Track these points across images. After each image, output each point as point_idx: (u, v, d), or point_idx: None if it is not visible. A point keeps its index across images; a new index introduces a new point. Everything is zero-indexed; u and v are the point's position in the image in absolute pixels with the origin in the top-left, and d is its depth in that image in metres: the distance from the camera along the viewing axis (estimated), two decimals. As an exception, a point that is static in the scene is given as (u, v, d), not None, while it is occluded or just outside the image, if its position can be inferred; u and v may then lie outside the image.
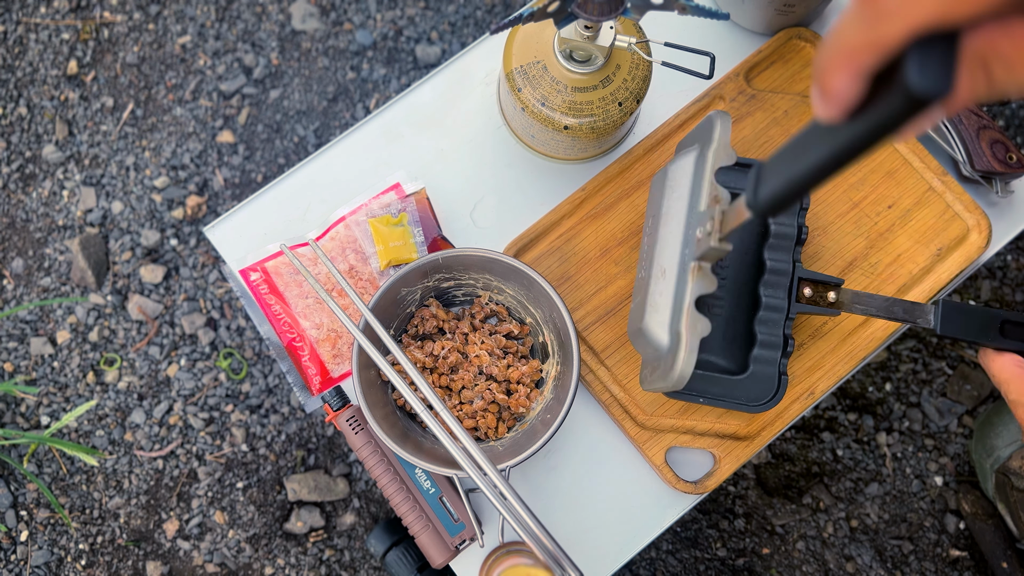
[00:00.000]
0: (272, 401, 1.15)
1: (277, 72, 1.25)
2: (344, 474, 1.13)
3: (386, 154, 0.76)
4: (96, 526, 1.11)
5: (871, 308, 0.63)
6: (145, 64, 1.25)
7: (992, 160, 0.71)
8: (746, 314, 0.66)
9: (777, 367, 0.65)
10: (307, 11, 1.27)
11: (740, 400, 0.65)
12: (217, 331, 1.17)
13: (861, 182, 0.73)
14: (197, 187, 1.21)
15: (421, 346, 0.69)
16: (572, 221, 0.72)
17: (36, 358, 1.16)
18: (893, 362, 1.16)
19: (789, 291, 0.65)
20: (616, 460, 0.71)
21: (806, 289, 0.65)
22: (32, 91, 1.24)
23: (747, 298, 0.66)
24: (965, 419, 1.14)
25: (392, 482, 0.66)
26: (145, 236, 1.19)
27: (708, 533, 1.12)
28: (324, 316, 0.71)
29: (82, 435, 1.14)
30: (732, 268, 0.67)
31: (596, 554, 0.69)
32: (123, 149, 1.22)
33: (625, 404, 0.69)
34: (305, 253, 0.71)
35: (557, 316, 0.64)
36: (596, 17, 0.54)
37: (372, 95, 1.25)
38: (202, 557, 1.11)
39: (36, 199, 1.21)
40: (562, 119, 0.66)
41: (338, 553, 1.11)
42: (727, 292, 0.67)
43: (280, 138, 1.23)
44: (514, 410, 0.68)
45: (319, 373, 0.71)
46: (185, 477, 1.13)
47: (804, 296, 0.65)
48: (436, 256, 0.64)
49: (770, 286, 0.65)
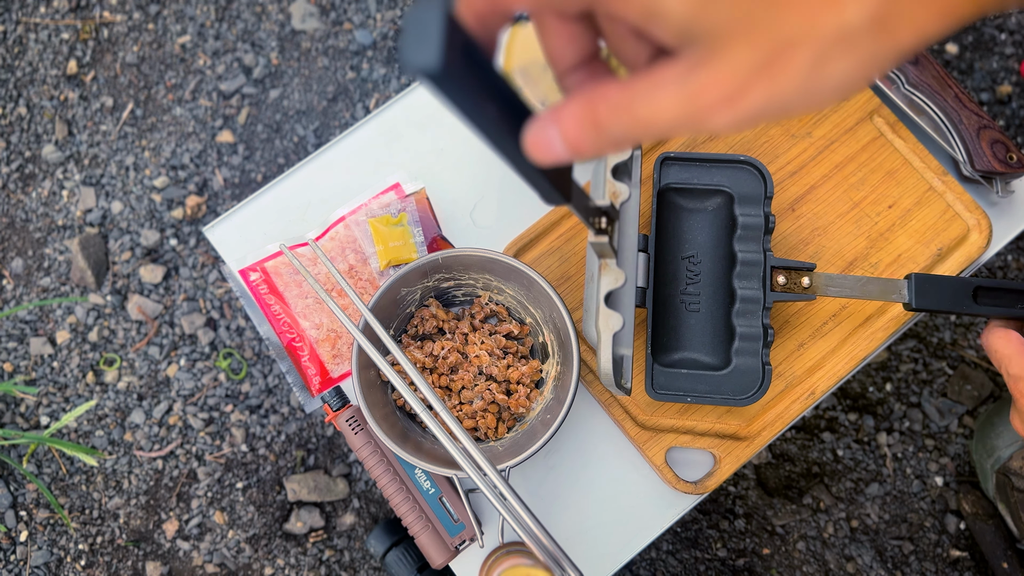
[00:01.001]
0: (272, 401, 1.15)
1: (277, 72, 1.25)
2: (344, 474, 1.13)
3: (386, 154, 0.76)
4: (96, 526, 1.11)
5: (845, 289, 0.64)
6: (145, 64, 1.25)
7: (992, 160, 0.71)
8: (724, 308, 0.66)
9: (760, 358, 0.65)
10: (307, 11, 1.27)
11: (727, 395, 0.65)
12: (217, 331, 1.17)
13: (861, 182, 0.72)
14: (197, 187, 1.21)
15: (421, 346, 0.69)
16: (572, 221, 0.72)
17: (36, 358, 1.16)
18: (894, 362, 1.16)
19: (763, 281, 0.65)
20: (616, 460, 0.70)
21: (779, 277, 0.65)
22: (32, 91, 1.24)
23: (723, 292, 0.67)
24: (965, 419, 1.14)
25: (392, 482, 0.66)
26: (145, 236, 1.19)
27: (708, 533, 1.12)
28: (324, 316, 0.71)
29: (82, 435, 1.13)
30: (705, 263, 0.67)
31: (596, 554, 0.69)
32: (123, 149, 1.22)
33: (625, 404, 0.69)
34: (305, 253, 0.71)
35: (557, 316, 0.64)
36: (596, 16, 0.54)
37: (372, 95, 1.25)
38: (202, 557, 1.11)
39: (36, 199, 1.20)
40: (562, 119, 0.65)
41: (338, 553, 1.11)
42: (703, 288, 0.67)
43: (280, 138, 1.23)
44: (514, 410, 0.67)
45: (319, 373, 0.70)
46: (185, 477, 1.13)
47: (778, 284, 0.65)
48: (436, 256, 0.64)
49: (744, 278, 0.66)
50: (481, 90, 0.29)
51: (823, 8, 0.24)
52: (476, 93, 0.28)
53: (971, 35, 1.27)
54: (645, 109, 0.27)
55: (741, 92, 0.25)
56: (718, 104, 0.26)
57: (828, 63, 0.25)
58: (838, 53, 0.24)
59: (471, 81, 0.28)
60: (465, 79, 0.28)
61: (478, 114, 0.29)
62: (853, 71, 0.25)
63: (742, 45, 0.25)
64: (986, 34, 1.27)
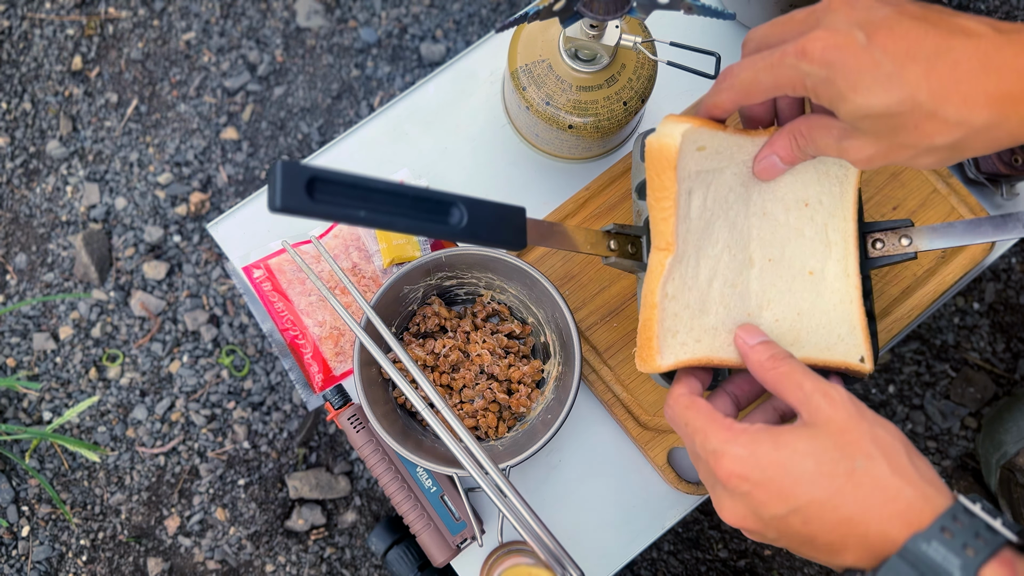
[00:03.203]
0: (274, 398, 1.15)
1: (281, 69, 1.25)
2: (345, 472, 1.13)
3: (390, 152, 0.76)
4: (97, 522, 1.12)
5: (953, 238, 0.58)
6: (149, 60, 1.25)
7: (997, 162, 0.71)
8: None
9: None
10: (312, 8, 1.27)
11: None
12: (220, 328, 1.17)
13: (866, 183, 0.72)
14: (201, 184, 1.21)
15: (423, 344, 0.69)
16: (576, 220, 0.72)
17: (38, 354, 1.16)
18: (896, 364, 1.16)
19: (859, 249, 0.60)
20: (618, 460, 0.70)
21: (875, 243, 0.60)
22: (36, 86, 1.24)
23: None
24: (968, 421, 1.14)
25: (393, 480, 0.66)
26: (148, 232, 1.19)
27: (710, 534, 1.12)
28: (327, 314, 0.71)
29: (84, 431, 1.14)
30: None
31: (597, 554, 0.69)
32: (127, 145, 1.23)
33: (628, 404, 0.69)
34: (308, 251, 0.71)
35: (559, 316, 0.64)
36: (602, 16, 0.54)
37: (376, 93, 1.25)
38: (203, 554, 1.11)
39: (40, 194, 1.21)
40: (567, 118, 0.65)
41: (339, 551, 1.11)
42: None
43: (284, 135, 1.23)
44: (515, 410, 0.67)
45: (321, 371, 0.71)
46: (187, 474, 1.13)
47: (875, 250, 0.60)
48: (439, 254, 0.64)
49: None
50: (347, 201, 0.43)
51: (927, 135, 0.42)
52: (342, 205, 0.43)
53: (977, 37, 1.27)
54: (822, 142, 0.48)
55: (870, 160, 0.46)
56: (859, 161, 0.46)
57: (920, 159, 0.44)
58: (927, 156, 0.44)
59: (330, 199, 0.43)
60: (324, 201, 0.42)
61: (352, 217, 0.43)
62: (934, 164, 0.45)
63: (882, 139, 0.44)
64: (992, 36, 1.26)
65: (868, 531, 0.40)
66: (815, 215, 0.58)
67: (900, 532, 0.39)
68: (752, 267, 0.57)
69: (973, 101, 0.39)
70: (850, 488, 0.41)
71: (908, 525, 0.39)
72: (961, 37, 0.40)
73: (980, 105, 0.39)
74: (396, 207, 0.45)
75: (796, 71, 0.43)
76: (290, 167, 0.41)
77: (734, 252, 0.57)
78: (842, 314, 0.57)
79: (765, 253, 0.57)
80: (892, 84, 0.40)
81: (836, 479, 0.41)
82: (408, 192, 0.45)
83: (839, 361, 0.57)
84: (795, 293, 0.57)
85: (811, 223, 0.58)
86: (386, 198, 0.45)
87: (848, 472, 0.41)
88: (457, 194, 0.47)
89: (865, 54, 0.41)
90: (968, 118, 0.40)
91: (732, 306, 0.56)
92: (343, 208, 0.43)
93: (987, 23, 0.40)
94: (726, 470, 0.44)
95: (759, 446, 0.43)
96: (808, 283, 0.58)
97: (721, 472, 0.44)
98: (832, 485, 0.41)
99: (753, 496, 0.43)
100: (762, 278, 0.57)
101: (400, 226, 0.45)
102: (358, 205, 0.44)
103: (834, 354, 0.57)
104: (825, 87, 0.43)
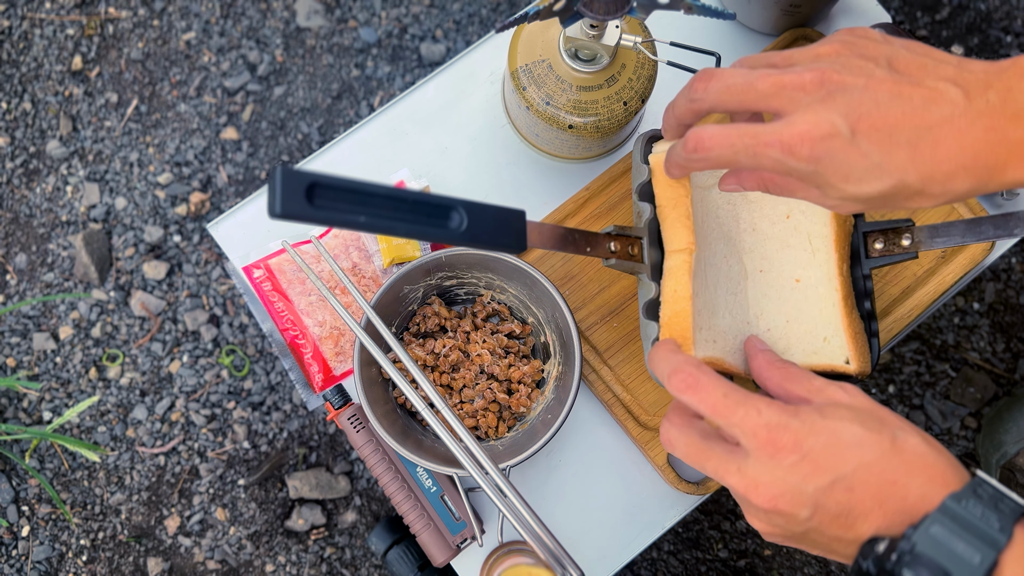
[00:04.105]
0: (274, 398, 1.15)
1: (281, 69, 1.25)
2: (345, 472, 1.13)
3: (390, 152, 0.76)
4: (97, 522, 1.12)
5: (954, 237, 0.57)
6: (149, 60, 1.25)
7: (998, 162, 0.71)
8: None
9: (867, 330, 0.62)
10: (312, 8, 1.27)
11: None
12: (220, 328, 1.17)
13: (866, 183, 0.72)
14: (201, 184, 1.21)
15: (423, 344, 0.69)
16: (576, 220, 0.72)
17: (38, 353, 1.16)
18: (896, 364, 1.16)
19: (859, 248, 0.60)
20: (618, 460, 0.70)
21: (876, 243, 0.60)
22: (37, 86, 1.24)
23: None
24: (968, 421, 1.14)
25: (393, 480, 0.66)
26: (148, 232, 1.19)
27: (710, 534, 1.12)
28: (327, 314, 0.71)
29: (84, 431, 1.14)
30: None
31: (597, 554, 0.69)
32: (127, 145, 1.23)
33: (628, 404, 0.69)
34: (308, 251, 0.71)
35: (559, 316, 0.64)
36: (602, 16, 0.54)
37: (376, 93, 1.25)
38: (203, 554, 1.11)
39: (40, 194, 1.21)
40: (567, 118, 0.65)
41: (339, 551, 1.11)
42: None
43: (284, 135, 1.23)
44: (515, 410, 0.67)
45: (321, 371, 0.71)
46: (187, 474, 1.13)
47: (876, 250, 0.60)
48: (439, 254, 0.64)
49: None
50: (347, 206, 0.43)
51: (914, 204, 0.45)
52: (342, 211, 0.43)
53: (977, 37, 1.27)
54: (800, 195, 0.48)
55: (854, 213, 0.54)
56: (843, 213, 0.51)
57: (909, 201, 0.45)
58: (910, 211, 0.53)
59: (330, 204, 0.42)
60: (324, 207, 0.42)
61: (352, 223, 0.43)
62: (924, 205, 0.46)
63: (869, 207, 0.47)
64: (992, 36, 1.26)
65: (909, 493, 0.42)
66: (798, 225, 0.60)
67: (939, 492, 0.42)
68: (747, 278, 0.60)
69: (955, 176, 0.42)
70: (894, 452, 0.43)
71: (946, 486, 0.42)
72: (936, 110, 0.42)
73: (961, 179, 0.43)
74: (396, 212, 0.45)
75: (781, 164, 0.44)
76: (289, 173, 0.41)
77: (731, 263, 0.60)
78: (826, 318, 0.59)
79: (756, 265, 0.60)
80: (882, 173, 0.43)
81: (882, 443, 0.43)
82: (408, 197, 0.45)
83: (826, 364, 0.58)
84: (784, 302, 0.60)
85: (795, 233, 0.60)
86: (386, 203, 0.45)
87: (891, 438, 0.43)
88: (457, 198, 0.47)
89: (852, 147, 0.42)
90: (952, 189, 0.43)
91: (735, 313, 0.59)
92: (343, 213, 0.43)
93: (959, 86, 0.42)
94: (779, 441, 0.42)
95: (809, 414, 0.44)
96: (795, 291, 0.60)
97: (772, 444, 0.43)
98: (879, 448, 0.43)
99: (800, 467, 0.42)
100: (755, 288, 0.60)
101: (400, 231, 0.45)
102: (358, 210, 0.43)
103: (821, 358, 0.59)
104: (812, 178, 0.45)
